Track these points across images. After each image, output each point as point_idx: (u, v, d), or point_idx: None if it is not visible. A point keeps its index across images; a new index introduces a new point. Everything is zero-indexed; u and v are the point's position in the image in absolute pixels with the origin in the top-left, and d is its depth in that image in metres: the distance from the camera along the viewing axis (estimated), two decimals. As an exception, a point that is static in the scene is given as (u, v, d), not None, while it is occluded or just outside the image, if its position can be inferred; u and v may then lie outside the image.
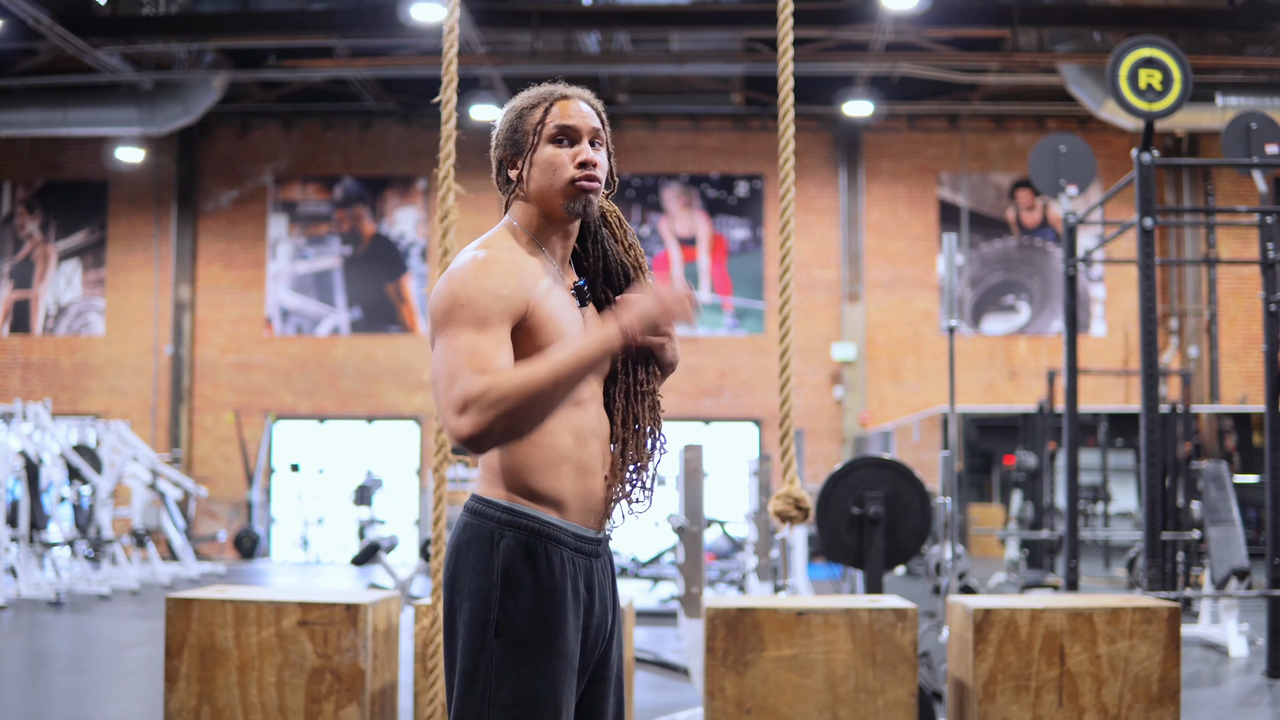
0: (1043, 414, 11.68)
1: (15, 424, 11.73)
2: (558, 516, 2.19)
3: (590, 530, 2.25)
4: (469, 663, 2.15)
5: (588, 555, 2.24)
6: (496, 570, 2.15)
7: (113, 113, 14.38)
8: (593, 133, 2.28)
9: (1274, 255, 6.97)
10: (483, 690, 2.13)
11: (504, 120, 2.33)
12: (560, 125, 2.26)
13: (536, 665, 2.14)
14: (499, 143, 2.33)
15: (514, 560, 2.16)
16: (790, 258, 4.07)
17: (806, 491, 4.22)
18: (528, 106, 2.30)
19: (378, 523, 14.26)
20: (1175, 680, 3.90)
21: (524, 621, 2.14)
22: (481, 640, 2.14)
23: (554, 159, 2.25)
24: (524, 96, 2.32)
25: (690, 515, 5.88)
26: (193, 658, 3.91)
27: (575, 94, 2.31)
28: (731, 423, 16.24)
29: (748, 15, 13.39)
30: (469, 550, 2.18)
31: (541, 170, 2.25)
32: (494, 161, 2.35)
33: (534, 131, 2.27)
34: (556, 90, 2.30)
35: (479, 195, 16.12)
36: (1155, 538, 6.28)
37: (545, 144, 2.26)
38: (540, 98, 2.30)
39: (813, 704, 3.88)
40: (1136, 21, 12.90)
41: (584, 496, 2.23)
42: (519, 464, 2.18)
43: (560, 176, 2.24)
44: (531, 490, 2.18)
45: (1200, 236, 15.91)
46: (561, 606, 2.17)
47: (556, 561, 2.18)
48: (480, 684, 2.14)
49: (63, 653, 7.95)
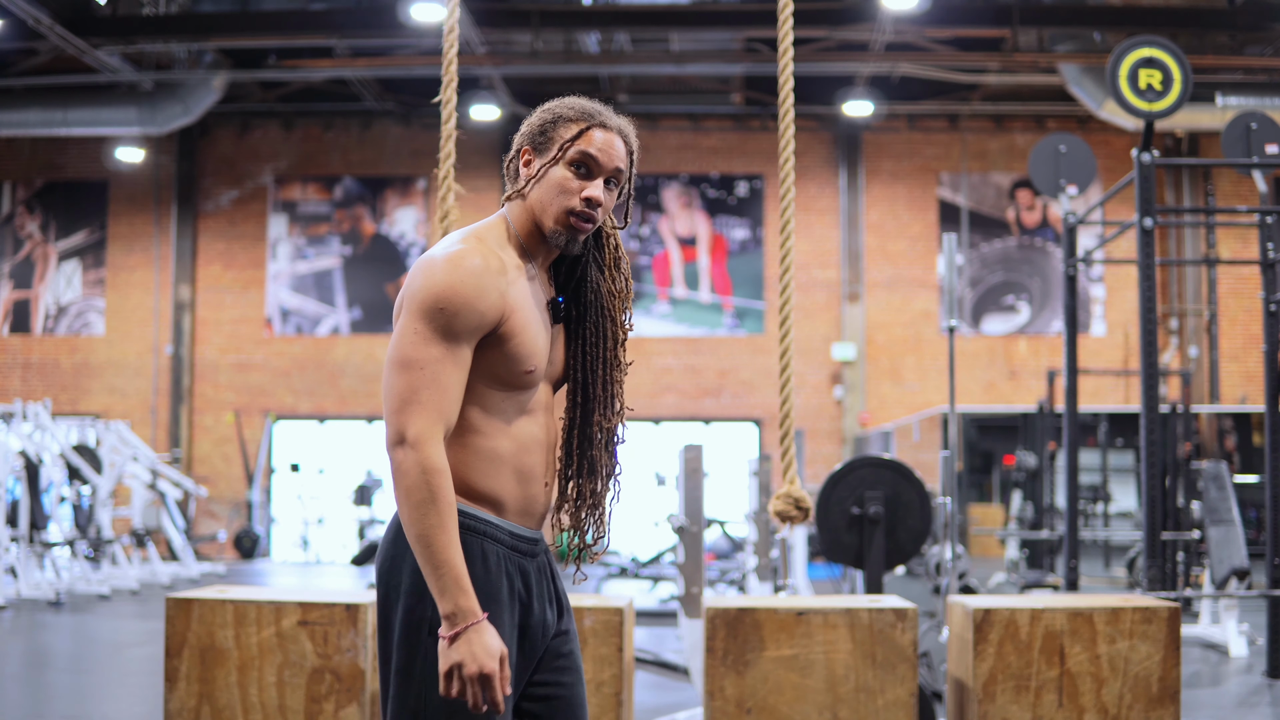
0: (1043, 414, 11.68)
1: (15, 424, 11.73)
2: (494, 515, 2.19)
3: (528, 530, 2.25)
4: (405, 659, 2.14)
5: (524, 555, 2.24)
6: None
7: (113, 113, 14.38)
8: (613, 172, 2.25)
9: (1274, 255, 6.97)
10: (418, 688, 2.12)
11: (540, 116, 2.29)
12: (584, 153, 2.22)
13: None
14: (526, 134, 2.30)
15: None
16: (790, 258, 4.07)
17: (806, 491, 4.22)
18: (567, 118, 2.26)
19: (378, 523, 14.26)
20: (1175, 680, 3.90)
21: None
22: (417, 637, 2.13)
23: (565, 183, 2.22)
24: (568, 105, 2.28)
25: (690, 515, 5.87)
26: (193, 658, 3.91)
27: (615, 127, 2.27)
28: (731, 423, 16.24)
29: (748, 15, 13.40)
30: (405, 548, 2.16)
31: (548, 188, 2.23)
32: (514, 145, 2.32)
33: (560, 146, 2.24)
34: (599, 116, 2.26)
35: (479, 195, 16.19)
36: (1155, 538, 6.28)
37: (564, 165, 2.23)
38: (581, 114, 2.25)
39: (813, 704, 3.88)
40: (1136, 21, 12.91)
41: (523, 500, 2.23)
42: (458, 464, 2.17)
43: (560, 203, 2.22)
44: (469, 489, 2.18)
45: (1200, 236, 15.91)
46: (496, 604, 2.16)
47: (492, 559, 2.18)
48: (416, 681, 2.13)
49: (63, 653, 7.95)
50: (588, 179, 2.23)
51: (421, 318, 2.11)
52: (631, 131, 2.31)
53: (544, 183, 2.24)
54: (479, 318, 2.12)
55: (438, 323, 2.10)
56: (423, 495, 2.05)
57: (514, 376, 2.19)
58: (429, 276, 2.13)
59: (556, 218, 2.22)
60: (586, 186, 2.22)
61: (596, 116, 2.25)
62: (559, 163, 2.23)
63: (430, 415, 2.08)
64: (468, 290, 2.12)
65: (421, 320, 2.11)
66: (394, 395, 2.10)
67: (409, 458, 2.06)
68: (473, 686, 2.04)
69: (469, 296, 2.11)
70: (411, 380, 2.09)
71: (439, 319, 2.10)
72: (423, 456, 2.06)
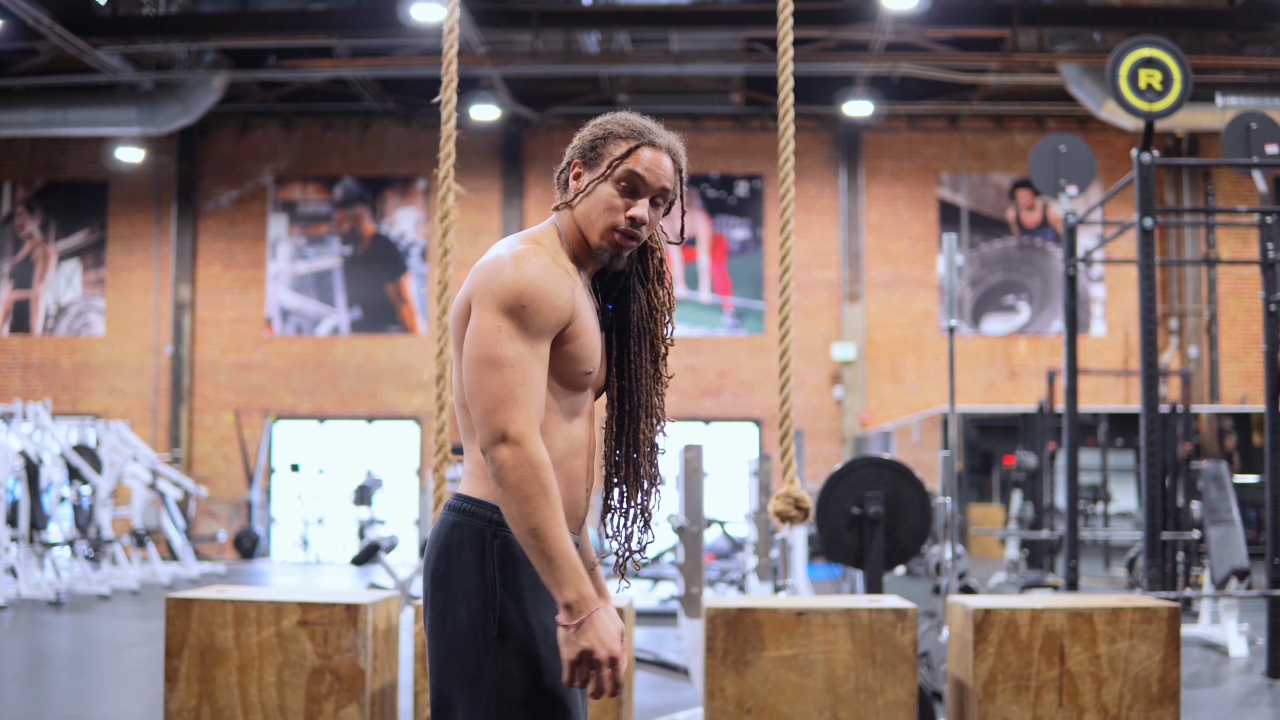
0: (1043, 414, 11.68)
1: (15, 424, 11.73)
2: None
3: (573, 535, 2.28)
4: (471, 665, 2.15)
5: None
6: (493, 571, 2.15)
7: (113, 113, 14.38)
8: (659, 191, 2.27)
9: (1274, 255, 6.97)
10: (491, 691, 2.13)
11: (592, 130, 2.32)
12: (631, 172, 2.24)
13: (544, 662, 2.14)
14: (578, 147, 2.32)
15: (509, 561, 2.16)
16: (790, 258, 4.07)
17: (806, 491, 4.22)
18: (617, 135, 2.28)
19: (378, 523, 14.26)
20: (1175, 680, 3.90)
21: (524, 621, 2.14)
22: (483, 640, 2.14)
23: (611, 201, 2.25)
24: (619, 122, 2.30)
25: (690, 515, 5.87)
26: (193, 658, 3.91)
27: (664, 145, 2.29)
28: (731, 423, 16.24)
29: (748, 15, 13.40)
30: (461, 550, 2.18)
31: (594, 204, 2.26)
32: (565, 157, 2.35)
33: (609, 163, 2.26)
34: (649, 134, 2.28)
35: (479, 195, 16.14)
36: (1155, 538, 6.28)
37: (611, 182, 2.25)
38: (632, 133, 2.27)
39: (813, 704, 3.88)
40: (1136, 21, 12.90)
41: (569, 503, 2.25)
42: None
43: (605, 220, 2.25)
44: None
45: (1200, 236, 15.91)
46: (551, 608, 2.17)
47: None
48: (488, 685, 2.13)
49: (63, 653, 7.95)
50: (634, 197, 2.26)
51: (504, 315, 2.12)
52: (681, 149, 2.33)
53: (591, 198, 2.26)
54: (556, 314, 2.15)
55: (520, 319, 2.12)
56: (533, 490, 2.06)
57: (574, 377, 2.22)
58: (503, 274, 2.15)
59: (602, 234, 2.25)
60: (632, 205, 2.25)
61: (646, 135, 2.27)
62: (607, 180, 2.25)
63: (529, 412, 2.10)
64: (546, 286, 2.14)
65: (504, 318, 2.12)
66: (488, 395, 2.10)
67: (515, 455, 2.07)
68: (602, 670, 2.06)
69: (547, 292, 2.14)
70: (505, 379, 2.10)
71: (521, 315, 2.12)
72: (530, 452, 2.07)
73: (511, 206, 16.02)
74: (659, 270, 2.41)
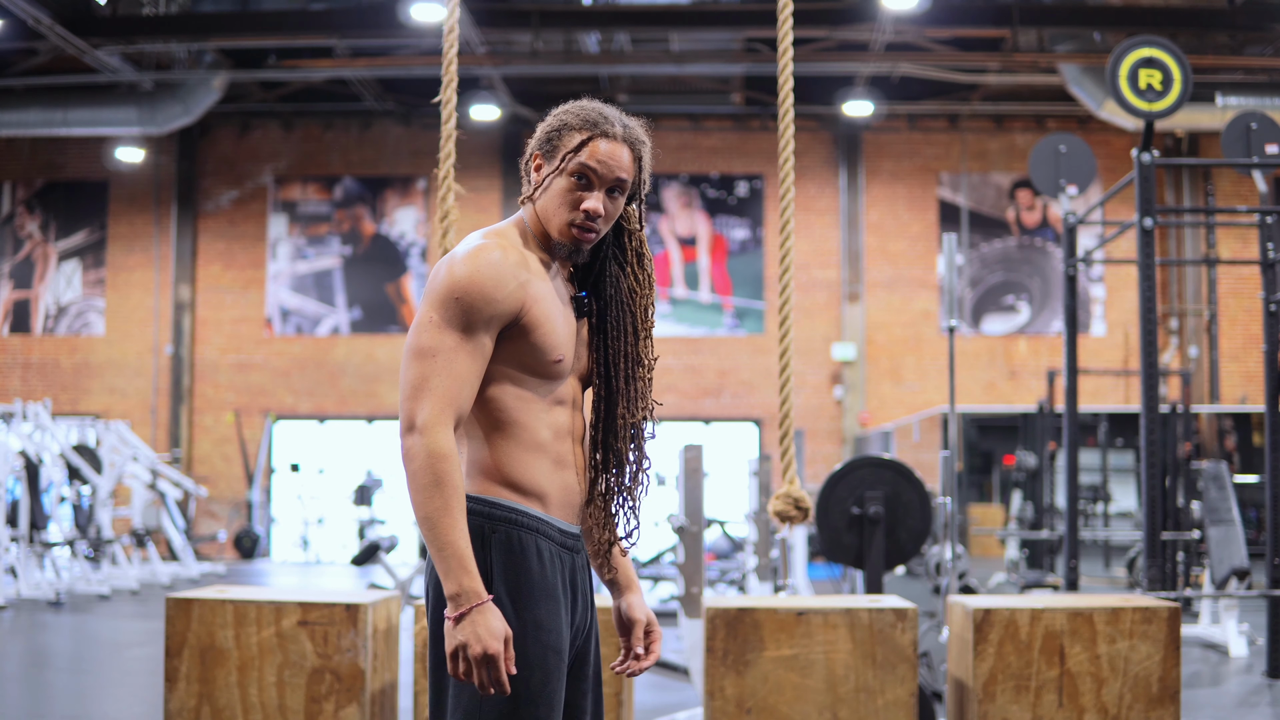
0: (1043, 414, 11.68)
1: (15, 424, 11.73)
2: (542, 510, 2.21)
3: (571, 525, 2.28)
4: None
5: (570, 550, 2.27)
6: (490, 567, 2.15)
7: (113, 113, 14.38)
8: (614, 182, 2.24)
9: (1274, 255, 6.97)
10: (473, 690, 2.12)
11: (549, 121, 2.30)
12: (585, 165, 2.23)
13: (533, 662, 2.14)
14: (538, 138, 2.31)
15: (507, 557, 2.16)
16: (790, 258, 4.07)
17: (806, 491, 4.22)
18: (571, 126, 2.26)
19: (378, 523, 14.26)
20: (1175, 680, 3.90)
21: (519, 617, 2.14)
22: None
23: (566, 194, 2.24)
24: (576, 112, 2.27)
25: (690, 515, 5.87)
26: (193, 658, 3.91)
27: (619, 134, 2.25)
28: (731, 423, 16.24)
29: (748, 15, 13.39)
30: None
31: (552, 197, 2.26)
32: (527, 148, 2.34)
33: (563, 156, 2.25)
34: (603, 124, 2.24)
35: (479, 195, 16.15)
36: (1155, 538, 6.28)
37: (566, 175, 2.24)
38: (586, 124, 2.25)
39: (813, 704, 3.88)
40: (1136, 21, 12.90)
41: (563, 490, 2.25)
42: (501, 457, 2.20)
43: (562, 215, 2.24)
44: (515, 483, 2.20)
45: (1200, 236, 15.91)
46: (554, 602, 2.18)
47: (546, 555, 2.19)
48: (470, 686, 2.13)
49: (63, 653, 7.95)
50: (588, 190, 2.24)
51: (438, 307, 2.15)
52: (640, 135, 2.30)
53: (549, 192, 2.26)
54: (494, 307, 2.15)
55: (452, 311, 2.14)
56: (428, 479, 2.07)
57: (543, 366, 2.21)
58: (447, 269, 2.18)
59: (559, 229, 2.25)
60: (586, 199, 2.23)
61: (600, 125, 2.24)
62: (562, 173, 2.24)
63: (440, 402, 2.11)
64: (484, 281, 2.15)
65: (437, 310, 2.15)
66: (406, 383, 2.14)
67: (417, 443, 2.09)
68: (478, 668, 2.06)
69: (485, 287, 2.15)
70: (424, 368, 2.13)
71: (454, 308, 2.14)
72: (430, 441, 2.08)
73: (511, 206, 16.01)
74: (638, 251, 2.39)
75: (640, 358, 2.36)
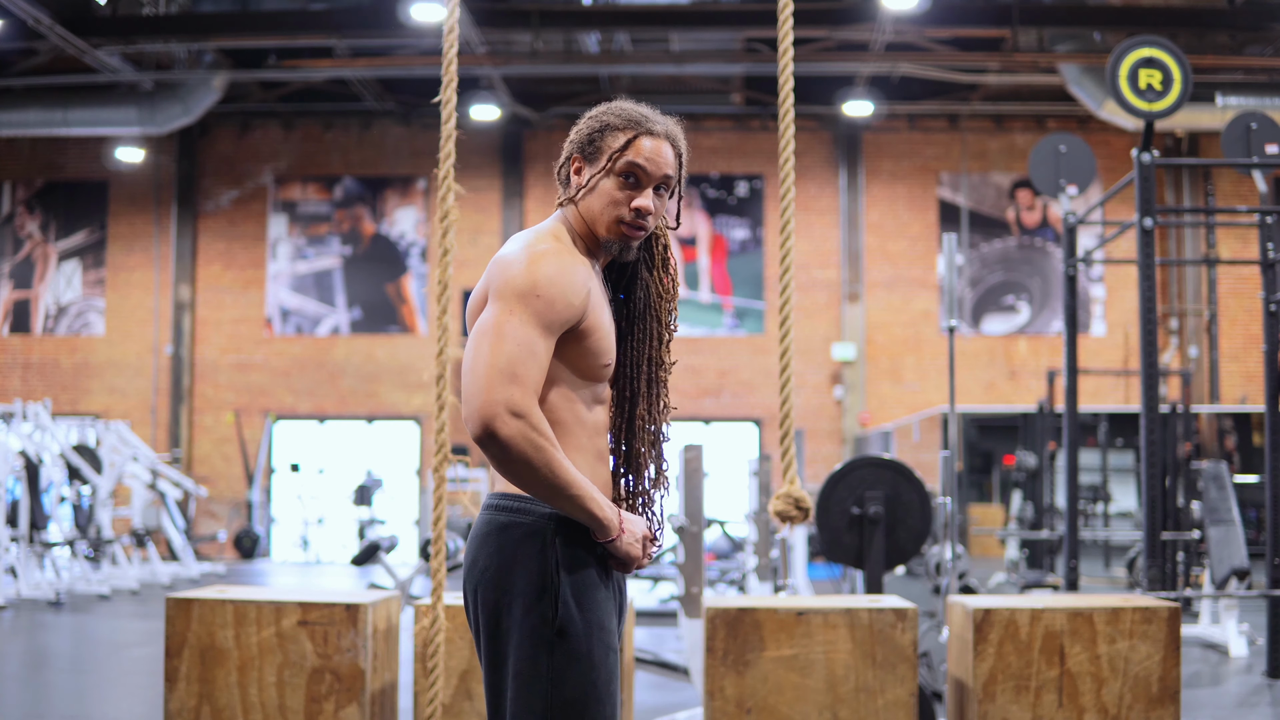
0: (1043, 414, 11.68)
1: (15, 424, 11.73)
2: None
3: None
4: (526, 663, 2.15)
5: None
6: (554, 568, 2.17)
7: (113, 113, 14.38)
8: (662, 179, 2.27)
9: (1274, 255, 6.97)
10: (544, 689, 2.14)
11: (589, 124, 2.31)
12: (632, 163, 2.24)
13: (596, 661, 2.16)
14: (576, 142, 2.32)
15: (570, 559, 2.18)
16: (790, 258, 4.07)
17: (806, 491, 4.22)
18: (614, 126, 2.28)
19: (378, 523, 14.26)
20: (1175, 680, 3.90)
21: (583, 619, 2.16)
22: (540, 636, 2.15)
23: (614, 194, 2.25)
24: (616, 112, 2.30)
25: (690, 515, 5.87)
26: (193, 658, 3.91)
27: (662, 132, 2.29)
28: (731, 423, 16.24)
29: (748, 15, 13.40)
30: (518, 549, 2.18)
31: (598, 197, 2.26)
32: (564, 152, 2.35)
33: (609, 156, 2.26)
34: (646, 122, 2.27)
35: (479, 195, 16.14)
36: (1155, 538, 6.28)
37: (613, 175, 2.25)
38: (629, 123, 2.27)
39: (813, 704, 3.88)
40: (1136, 21, 12.90)
41: (604, 487, 2.28)
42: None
43: (611, 213, 2.25)
44: None
45: (1200, 236, 15.91)
46: (610, 602, 2.22)
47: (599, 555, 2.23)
48: (541, 682, 2.14)
49: (63, 653, 7.95)
50: (636, 189, 2.26)
51: (518, 303, 2.14)
52: (679, 134, 2.33)
53: (595, 192, 2.27)
54: (569, 310, 2.16)
55: (533, 309, 2.13)
56: (538, 447, 2.09)
57: (593, 370, 2.23)
58: (520, 267, 2.16)
59: (608, 227, 2.26)
60: (635, 196, 2.25)
61: (644, 124, 2.27)
62: (608, 173, 2.25)
63: (530, 391, 2.11)
64: (563, 282, 2.16)
65: (518, 305, 2.14)
66: (490, 368, 2.11)
67: (518, 426, 2.08)
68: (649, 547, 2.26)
69: (564, 288, 2.15)
70: (510, 355, 2.11)
71: (535, 305, 2.13)
72: (534, 421, 2.09)
73: (511, 206, 16.02)
74: (664, 257, 2.42)
75: (662, 360, 2.39)
